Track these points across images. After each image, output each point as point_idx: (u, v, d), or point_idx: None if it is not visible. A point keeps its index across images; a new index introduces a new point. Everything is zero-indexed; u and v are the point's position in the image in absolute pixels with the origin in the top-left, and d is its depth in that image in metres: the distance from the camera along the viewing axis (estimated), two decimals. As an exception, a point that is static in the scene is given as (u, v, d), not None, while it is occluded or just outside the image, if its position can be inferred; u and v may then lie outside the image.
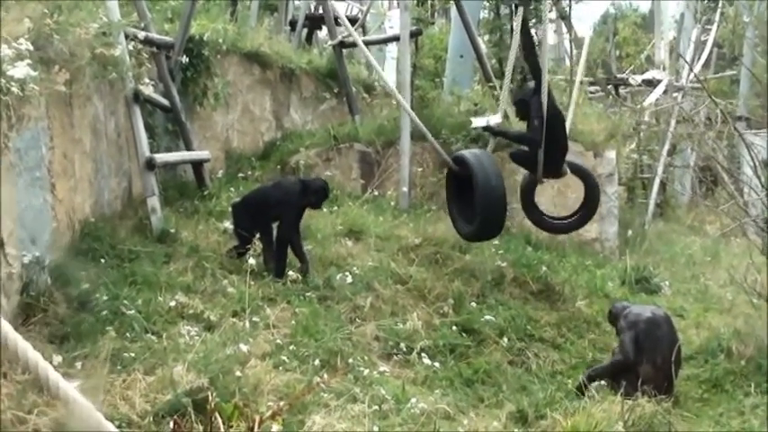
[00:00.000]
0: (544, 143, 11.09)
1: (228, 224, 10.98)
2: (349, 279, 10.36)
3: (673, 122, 19.06)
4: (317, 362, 8.41)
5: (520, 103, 11.42)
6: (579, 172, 12.12)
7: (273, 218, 10.47)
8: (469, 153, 11.70)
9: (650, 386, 8.51)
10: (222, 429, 4.27)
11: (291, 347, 8.60)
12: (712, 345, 10.52)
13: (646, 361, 8.88)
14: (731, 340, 10.35)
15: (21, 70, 7.08)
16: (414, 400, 7.97)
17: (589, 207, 12.09)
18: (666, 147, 19.43)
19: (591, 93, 21.90)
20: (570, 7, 22.54)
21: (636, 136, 19.69)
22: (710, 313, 12.26)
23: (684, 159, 20.88)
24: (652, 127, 20.05)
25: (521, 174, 12.19)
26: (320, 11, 18.93)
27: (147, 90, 11.26)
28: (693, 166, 18.15)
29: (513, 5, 16.77)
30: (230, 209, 10.94)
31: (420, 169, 14.26)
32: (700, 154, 16.67)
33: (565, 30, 25.47)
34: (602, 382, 9.10)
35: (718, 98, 12.56)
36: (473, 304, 10.83)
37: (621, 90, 23.35)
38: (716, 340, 10.58)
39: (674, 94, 20.56)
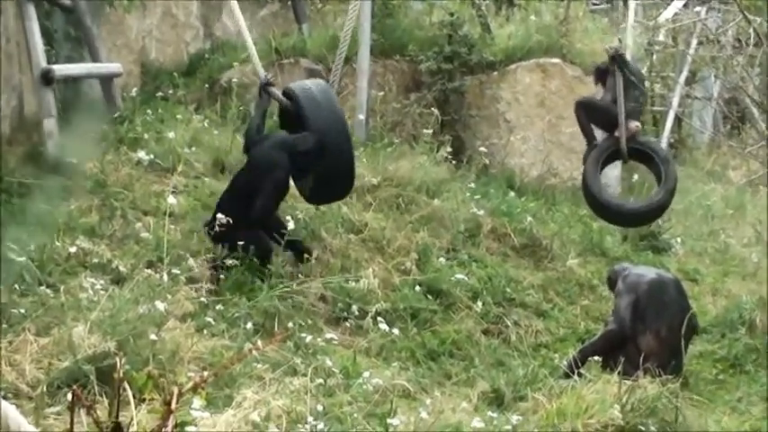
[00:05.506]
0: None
1: (143, 155, 10.94)
2: (291, 225, 10.40)
3: (693, 43, 19.08)
4: (249, 325, 8.50)
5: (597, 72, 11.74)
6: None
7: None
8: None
9: (653, 363, 8.60)
10: (132, 403, 4.29)
11: (218, 307, 8.69)
12: (731, 316, 10.70)
13: (648, 331, 8.99)
14: (755, 311, 10.52)
15: None
16: (366, 374, 8.06)
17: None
18: (684, 73, 19.42)
19: (594, 4, 21.90)
20: None
21: (647, 59, 19.70)
22: (730, 278, 12.45)
23: (706, 89, 20.92)
24: (668, 48, 20.08)
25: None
26: None
27: (44, -16, 11.19)
28: (717, 99, 18.21)
29: None
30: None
31: (381, 93, 14.25)
32: (725, 83, 16.71)
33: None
34: (597, 358, 9.15)
35: (751, 14, 12.59)
36: (441, 260, 10.93)
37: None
38: (736, 311, 10.75)
39: (697, 9, 20.60)
